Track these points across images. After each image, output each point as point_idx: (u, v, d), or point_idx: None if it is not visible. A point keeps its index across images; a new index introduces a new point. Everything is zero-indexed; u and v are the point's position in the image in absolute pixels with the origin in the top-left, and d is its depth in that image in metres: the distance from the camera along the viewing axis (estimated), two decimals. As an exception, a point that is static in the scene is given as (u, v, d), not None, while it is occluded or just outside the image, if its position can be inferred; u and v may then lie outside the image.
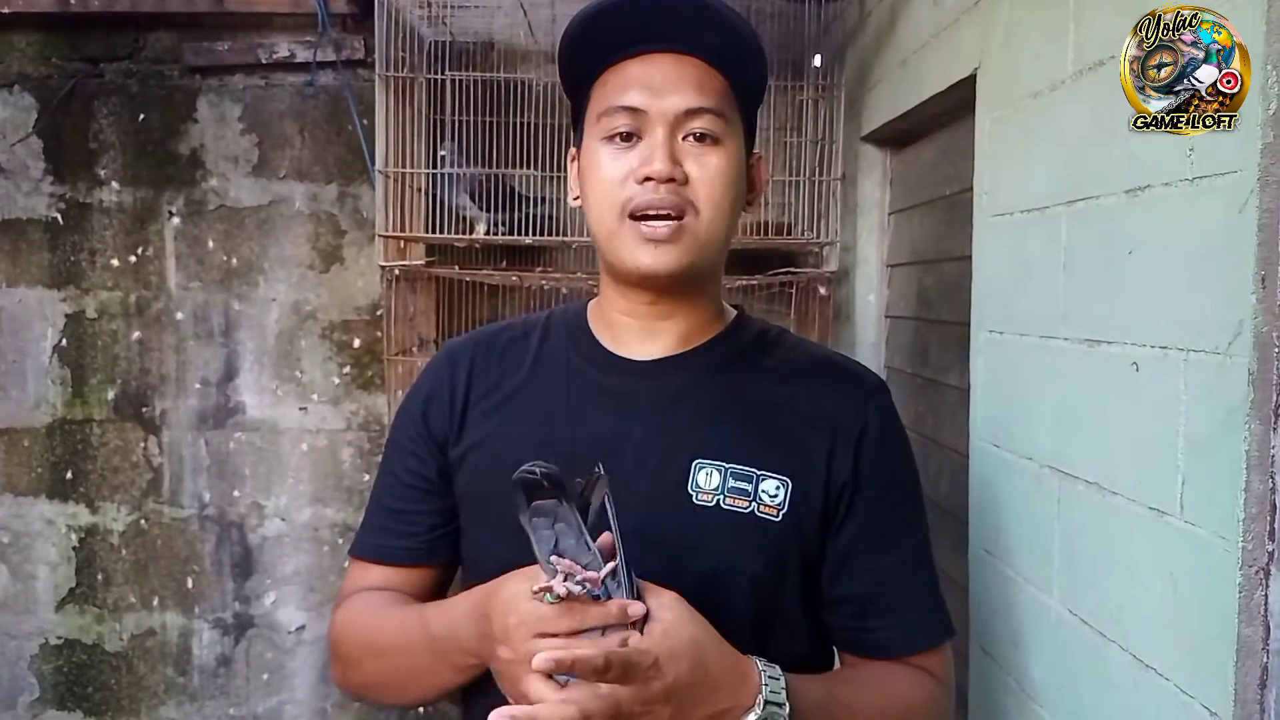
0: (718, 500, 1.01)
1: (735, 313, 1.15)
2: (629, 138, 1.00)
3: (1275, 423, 0.90)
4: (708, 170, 1.00)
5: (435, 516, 1.13)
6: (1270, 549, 0.91)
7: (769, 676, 0.91)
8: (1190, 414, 1.03)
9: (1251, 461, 0.93)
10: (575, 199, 1.09)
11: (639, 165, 0.98)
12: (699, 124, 0.99)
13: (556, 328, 1.15)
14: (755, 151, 1.10)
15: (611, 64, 1.02)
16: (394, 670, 1.06)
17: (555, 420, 1.07)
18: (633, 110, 0.99)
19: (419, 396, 1.15)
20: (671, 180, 0.98)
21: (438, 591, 1.17)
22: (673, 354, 1.08)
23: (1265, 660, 0.91)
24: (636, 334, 1.08)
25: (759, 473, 1.02)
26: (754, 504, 1.01)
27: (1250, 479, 0.93)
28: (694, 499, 1.01)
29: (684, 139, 1.00)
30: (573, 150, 1.10)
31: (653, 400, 1.06)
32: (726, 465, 1.02)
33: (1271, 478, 0.90)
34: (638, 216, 0.99)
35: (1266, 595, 0.91)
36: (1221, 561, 0.96)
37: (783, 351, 1.12)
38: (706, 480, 1.01)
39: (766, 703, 0.90)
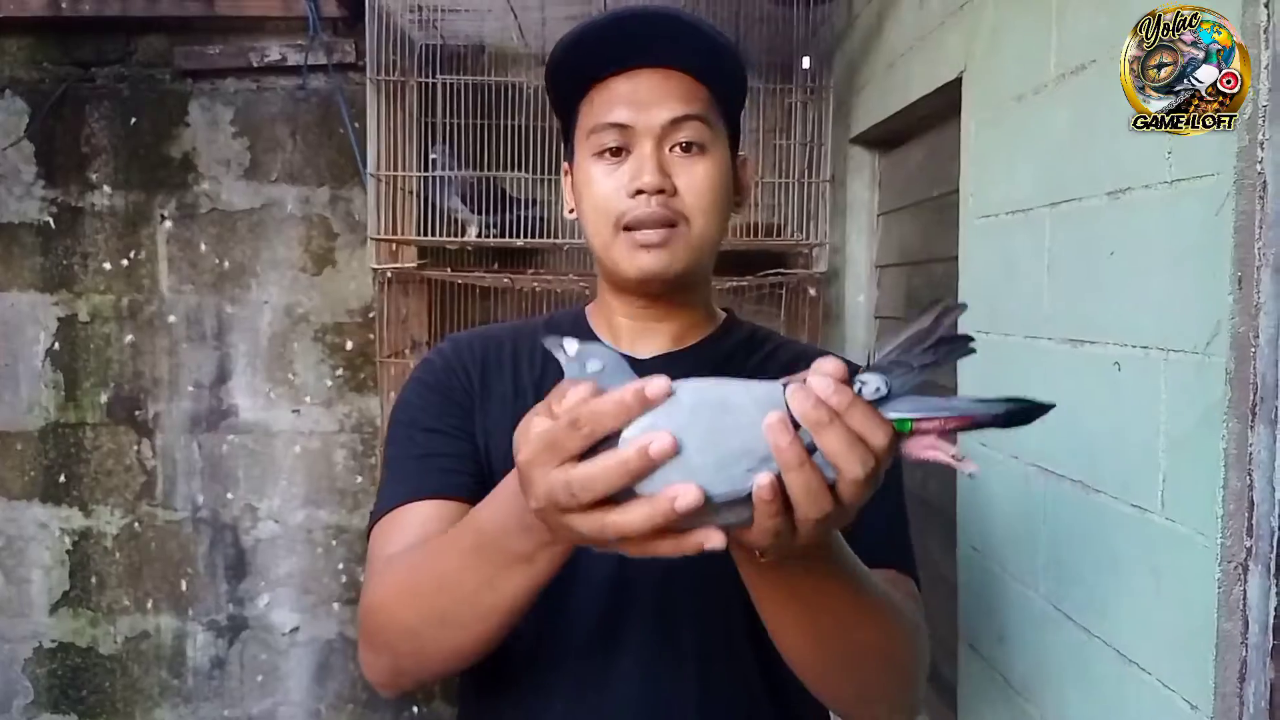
0: None
1: (725, 315, 1.18)
2: (618, 153, 1.02)
3: (1252, 421, 0.92)
4: (696, 180, 1.02)
5: (478, 471, 1.02)
6: (1248, 545, 0.93)
7: None
8: (1170, 412, 1.05)
9: (1229, 459, 0.94)
10: (571, 211, 1.12)
11: (629, 180, 1.01)
12: (684, 133, 1.02)
13: (558, 328, 1.16)
14: (740, 154, 1.12)
15: (597, 82, 1.04)
16: (434, 604, 0.88)
17: None
18: (620, 126, 1.01)
19: (436, 365, 1.10)
20: (661, 192, 1.00)
21: None
22: (669, 351, 1.11)
23: (1244, 654, 0.93)
24: (634, 334, 1.11)
25: None
26: None
27: (1228, 476, 0.94)
28: None
29: (671, 150, 1.02)
30: (566, 164, 1.13)
31: None
32: None
33: (1249, 475, 0.92)
34: (631, 228, 1.01)
35: (1245, 590, 0.93)
36: (1201, 557, 0.98)
37: (769, 349, 1.16)
38: None
39: None
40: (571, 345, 0.74)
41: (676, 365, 1.10)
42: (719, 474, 0.64)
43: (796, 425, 0.65)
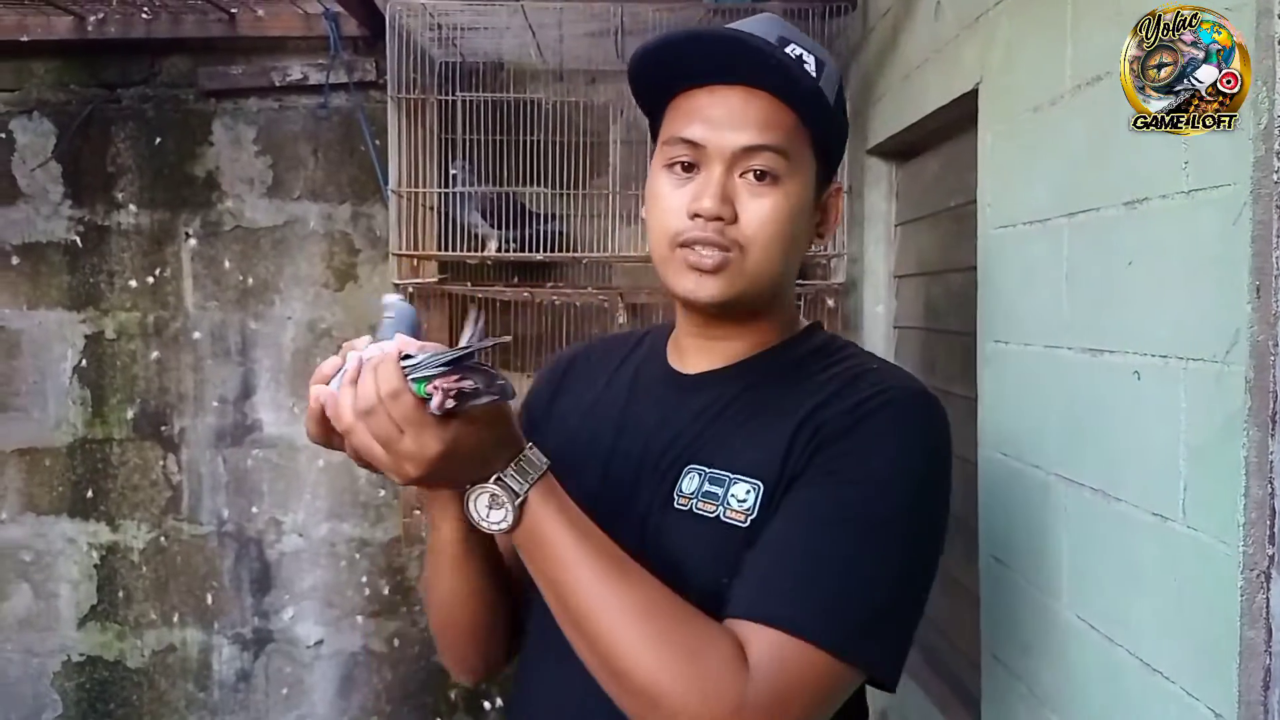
0: (692, 505, 0.99)
1: (804, 326, 1.13)
2: (689, 168, 1.00)
3: (1273, 429, 0.92)
4: (760, 211, 0.99)
5: None
6: (1270, 553, 0.93)
7: (525, 464, 0.89)
8: (1190, 421, 1.05)
9: (1250, 468, 0.95)
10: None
11: (690, 200, 0.99)
12: (758, 161, 0.98)
13: (647, 342, 1.19)
14: (835, 183, 1.08)
15: (684, 89, 1.02)
16: (439, 600, 1.12)
17: (604, 432, 1.09)
18: (692, 144, 0.99)
19: (538, 378, 1.26)
20: (719, 219, 0.98)
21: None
22: (717, 368, 1.08)
23: (1268, 662, 0.93)
24: (694, 351, 1.10)
25: (732, 476, 0.98)
26: (720, 508, 0.98)
27: (1249, 485, 0.95)
28: (675, 504, 1.00)
29: (741, 176, 0.99)
30: (651, 163, 1.09)
31: (687, 412, 1.06)
32: (707, 470, 1.00)
33: (1270, 483, 0.92)
34: (685, 245, 1.00)
35: (1268, 598, 0.93)
36: (1224, 566, 0.98)
37: (831, 363, 1.07)
38: (688, 485, 1.00)
39: (498, 479, 0.88)
40: (389, 298, 0.98)
41: (721, 380, 1.08)
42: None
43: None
